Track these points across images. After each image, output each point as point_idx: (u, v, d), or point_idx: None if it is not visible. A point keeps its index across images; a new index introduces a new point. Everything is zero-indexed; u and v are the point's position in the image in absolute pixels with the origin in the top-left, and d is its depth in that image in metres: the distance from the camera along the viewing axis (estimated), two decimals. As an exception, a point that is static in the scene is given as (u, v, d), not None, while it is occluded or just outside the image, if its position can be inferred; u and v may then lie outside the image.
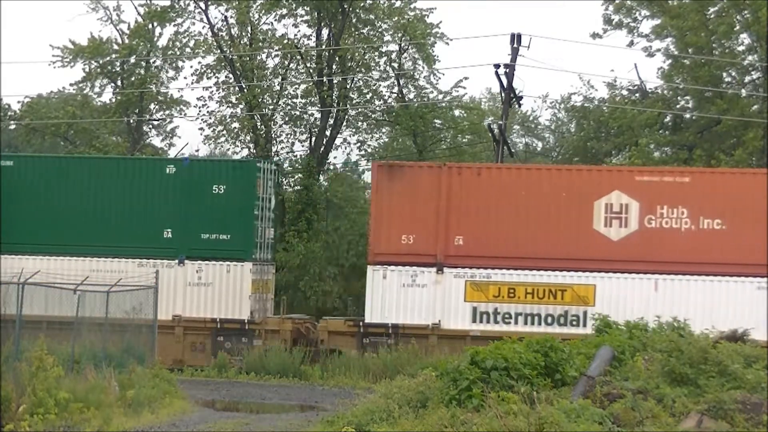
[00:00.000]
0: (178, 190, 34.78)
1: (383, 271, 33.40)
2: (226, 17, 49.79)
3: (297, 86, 50.97)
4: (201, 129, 50.83)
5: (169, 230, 34.49)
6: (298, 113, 50.88)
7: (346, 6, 48.54)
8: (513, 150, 52.85)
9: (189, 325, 34.27)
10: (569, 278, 33.03)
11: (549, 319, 33.11)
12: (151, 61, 51.08)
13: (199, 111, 50.65)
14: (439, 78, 49.82)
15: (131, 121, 51.66)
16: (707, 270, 32.48)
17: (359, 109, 51.01)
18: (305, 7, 49.52)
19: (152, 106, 52.37)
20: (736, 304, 32.00)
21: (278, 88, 50.57)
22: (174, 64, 51.43)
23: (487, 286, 33.19)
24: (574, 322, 32.95)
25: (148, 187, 34.95)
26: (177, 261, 34.32)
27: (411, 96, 50.22)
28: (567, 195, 33.29)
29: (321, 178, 48.74)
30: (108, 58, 50.63)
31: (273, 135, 50.57)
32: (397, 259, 33.43)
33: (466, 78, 50.27)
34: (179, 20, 50.30)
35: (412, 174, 34.12)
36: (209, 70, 50.08)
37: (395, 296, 33.34)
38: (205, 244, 34.29)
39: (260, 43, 50.12)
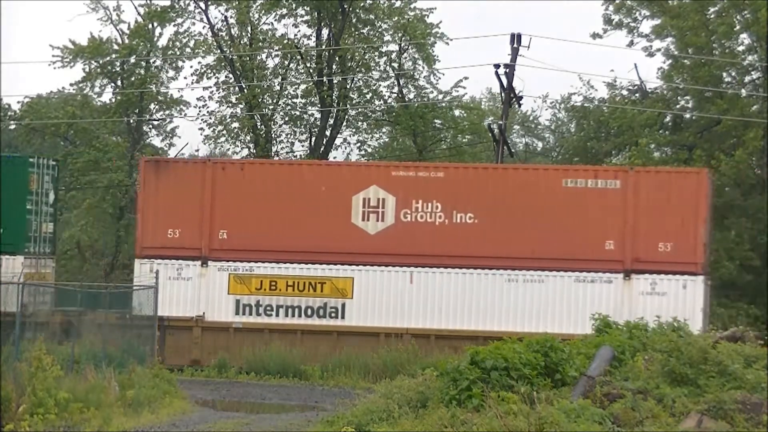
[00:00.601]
0: None
1: (150, 265, 33.67)
2: (226, 17, 49.88)
3: (297, 86, 51.03)
4: (201, 129, 50.95)
5: None
6: (298, 113, 50.93)
7: (346, 6, 48.56)
8: (513, 150, 52.86)
9: None
10: (329, 271, 33.61)
11: (309, 311, 33.66)
12: (151, 61, 51.08)
13: (199, 111, 50.74)
14: (439, 78, 49.96)
15: (131, 121, 51.66)
16: (460, 263, 33.18)
17: (359, 109, 51.05)
18: (305, 7, 49.56)
19: (152, 106, 52.37)
20: (487, 296, 32.97)
21: (278, 88, 50.61)
22: (174, 64, 51.44)
23: (249, 279, 33.65)
24: (333, 314, 33.56)
25: None
26: None
27: (411, 96, 50.26)
28: (327, 190, 33.89)
29: None
30: (108, 58, 50.61)
31: (273, 135, 50.63)
32: (163, 253, 33.85)
33: (466, 78, 50.30)
34: (179, 20, 50.36)
35: (178, 169, 34.72)
36: (209, 70, 50.13)
37: (162, 289, 33.64)
38: None
39: (260, 43, 50.15)
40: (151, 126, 53.40)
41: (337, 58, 49.29)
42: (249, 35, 50.08)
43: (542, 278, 32.87)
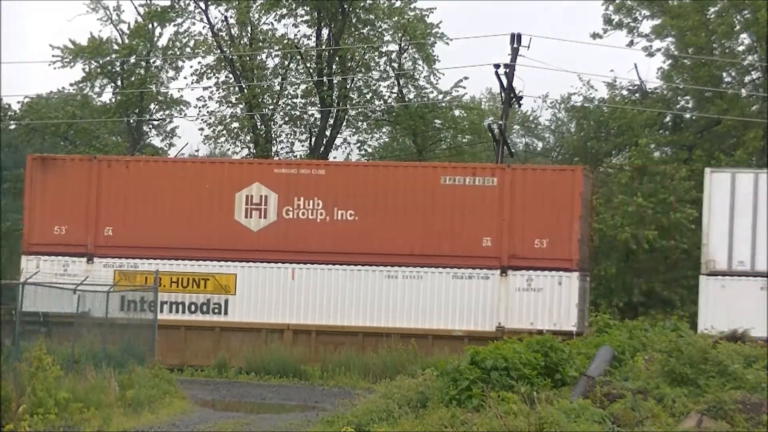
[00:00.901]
0: None
1: (36, 261, 33.89)
2: (226, 17, 49.90)
3: (297, 86, 51.03)
4: (201, 129, 50.98)
5: None
6: (298, 113, 50.93)
7: (346, 6, 48.57)
8: (513, 150, 52.84)
9: None
10: (212, 268, 33.97)
11: (192, 307, 34.01)
12: (151, 61, 51.10)
13: (199, 111, 50.77)
14: (439, 78, 49.93)
15: (131, 121, 51.68)
16: (341, 259, 33.60)
17: (359, 109, 51.05)
18: (305, 7, 49.57)
19: (152, 106, 52.41)
20: (367, 293, 33.42)
21: (278, 88, 50.62)
22: (174, 64, 51.47)
23: (134, 275, 33.86)
24: (216, 310, 33.92)
25: None
26: None
27: (411, 96, 50.25)
28: (210, 187, 34.17)
29: None
30: (108, 58, 50.65)
31: (273, 135, 50.65)
32: (50, 249, 34.08)
33: (466, 78, 50.27)
34: (179, 20, 50.39)
35: (64, 166, 34.87)
36: (209, 70, 50.14)
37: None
38: None
39: (260, 43, 50.16)
40: (151, 126, 53.43)
41: (337, 58, 49.28)
42: (249, 35, 50.09)
43: (421, 275, 33.33)
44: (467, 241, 33.11)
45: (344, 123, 51.15)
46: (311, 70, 50.04)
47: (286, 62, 50.25)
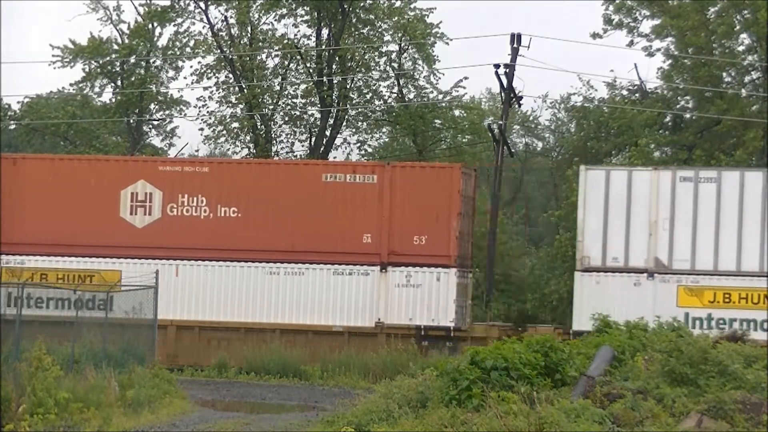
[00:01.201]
0: None
1: None
2: (226, 17, 49.89)
3: (297, 86, 51.04)
4: (201, 129, 50.96)
5: None
6: (298, 113, 50.94)
7: (346, 6, 48.57)
8: (513, 150, 52.85)
9: None
10: (97, 264, 34.15)
11: (78, 304, 33.91)
12: (151, 61, 51.10)
13: (199, 111, 50.76)
14: (439, 78, 49.91)
15: (131, 121, 51.69)
16: (224, 256, 33.94)
17: (359, 109, 51.04)
18: (305, 7, 49.58)
19: (152, 106, 52.40)
20: (249, 289, 33.80)
21: (278, 88, 50.62)
22: (174, 64, 51.47)
23: (20, 272, 33.76)
24: (102, 306, 33.87)
25: None
26: None
27: (411, 96, 50.25)
28: (96, 184, 34.38)
29: None
30: (108, 58, 50.65)
31: (273, 135, 50.65)
32: None
33: (466, 78, 50.23)
34: (179, 20, 50.39)
35: None
36: (209, 70, 50.14)
37: None
38: None
39: (260, 43, 50.17)
40: (151, 126, 53.44)
41: (337, 58, 49.29)
42: (249, 35, 50.09)
43: (302, 271, 33.71)
44: (348, 237, 33.51)
45: (344, 123, 51.14)
46: (311, 70, 50.05)
47: (286, 62, 50.26)
